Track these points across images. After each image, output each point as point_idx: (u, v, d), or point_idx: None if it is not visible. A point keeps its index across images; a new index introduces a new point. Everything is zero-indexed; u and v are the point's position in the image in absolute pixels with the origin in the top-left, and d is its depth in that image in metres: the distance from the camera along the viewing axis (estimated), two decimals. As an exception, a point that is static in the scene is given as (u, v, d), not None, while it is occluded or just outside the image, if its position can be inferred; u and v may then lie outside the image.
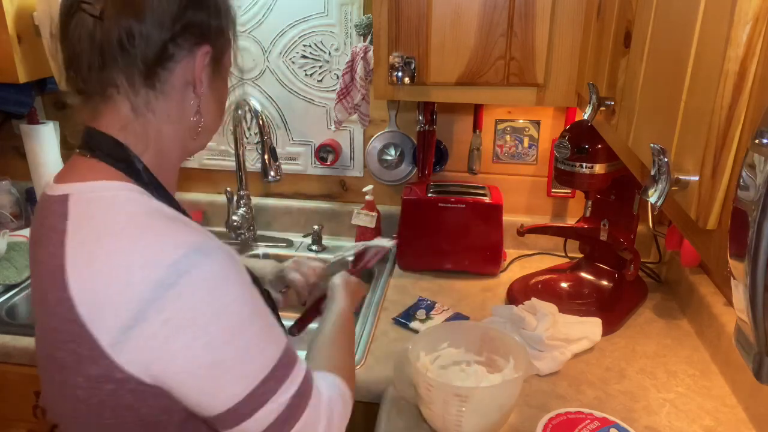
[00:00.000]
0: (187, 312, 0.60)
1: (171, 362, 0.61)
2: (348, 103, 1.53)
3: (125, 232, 0.62)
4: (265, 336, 0.66)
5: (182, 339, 0.60)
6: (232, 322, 0.62)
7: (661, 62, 0.65)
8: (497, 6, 1.18)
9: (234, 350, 0.63)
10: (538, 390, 1.10)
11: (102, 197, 0.66)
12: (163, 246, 0.61)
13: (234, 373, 0.63)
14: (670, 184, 0.54)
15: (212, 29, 0.73)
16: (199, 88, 0.73)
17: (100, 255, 0.62)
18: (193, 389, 0.63)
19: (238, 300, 0.64)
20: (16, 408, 1.33)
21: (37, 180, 1.71)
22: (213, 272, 0.62)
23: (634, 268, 1.31)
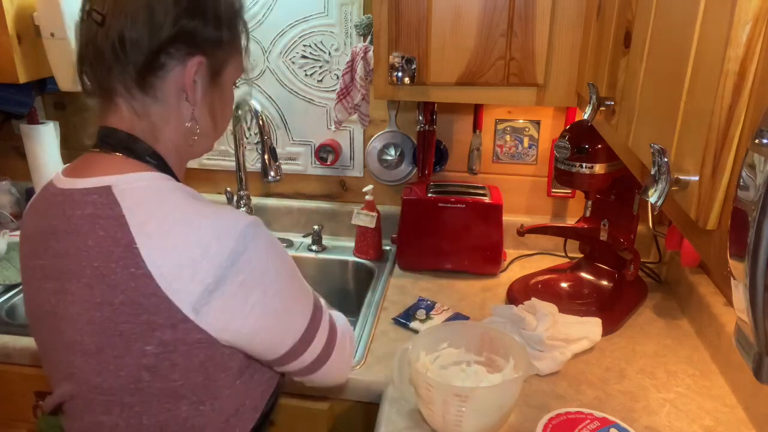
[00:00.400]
0: (257, 272, 0.72)
1: (248, 316, 0.71)
2: (348, 103, 1.53)
3: (189, 212, 0.71)
4: (303, 285, 0.81)
5: (256, 295, 0.72)
6: (288, 274, 0.77)
7: (661, 62, 0.65)
8: (497, 6, 1.18)
9: (293, 295, 0.78)
10: (538, 390, 1.10)
11: (146, 186, 0.73)
12: (228, 221, 0.71)
13: (296, 313, 0.78)
14: (670, 184, 0.54)
15: (207, 40, 0.76)
16: (192, 96, 0.77)
17: (172, 233, 0.69)
18: (265, 337, 0.75)
19: (286, 257, 0.78)
20: (16, 408, 1.33)
21: (37, 180, 1.71)
22: (268, 238, 0.75)
23: (634, 268, 1.31)
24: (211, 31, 0.76)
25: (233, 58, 0.81)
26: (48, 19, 1.50)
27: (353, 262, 1.64)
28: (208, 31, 0.75)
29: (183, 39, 0.74)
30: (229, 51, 0.80)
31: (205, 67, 0.77)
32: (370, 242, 1.62)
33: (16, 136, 1.75)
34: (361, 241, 1.63)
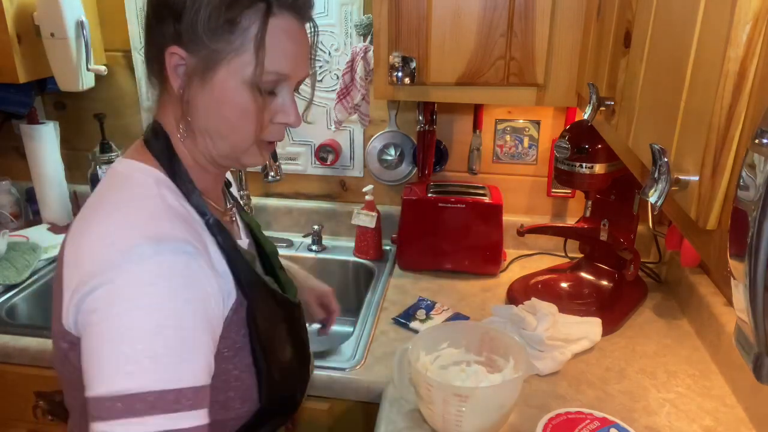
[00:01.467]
0: (110, 296, 0.63)
1: (85, 331, 0.64)
2: (348, 103, 1.53)
3: (111, 210, 0.69)
4: (153, 360, 0.62)
5: (97, 315, 0.63)
6: (129, 324, 0.62)
7: (661, 62, 0.65)
8: (497, 6, 1.18)
9: (111, 350, 0.62)
10: (538, 390, 1.10)
11: (124, 174, 0.74)
12: (127, 232, 0.66)
13: (101, 369, 0.62)
14: (670, 184, 0.53)
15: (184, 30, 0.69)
16: (176, 89, 0.72)
17: (89, 223, 0.69)
18: (83, 361, 0.64)
19: (152, 308, 0.63)
20: (16, 408, 1.33)
21: (37, 180, 1.71)
22: (150, 270, 0.64)
23: (634, 268, 1.31)
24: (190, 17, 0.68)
25: (227, 56, 0.70)
26: (48, 19, 1.50)
27: (353, 262, 1.64)
28: (187, 17, 0.68)
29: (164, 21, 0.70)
30: (211, 46, 0.69)
31: (189, 60, 0.70)
32: (370, 242, 1.62)
33: (16, 136, 1.75)
34: (361, 241, 1.63)
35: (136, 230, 0.66)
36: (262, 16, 0.69)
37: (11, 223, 1.77)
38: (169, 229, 0.67)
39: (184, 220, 0.70)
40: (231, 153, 0.76)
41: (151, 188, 0.72)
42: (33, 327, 1.33)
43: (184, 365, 0.64)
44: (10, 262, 1.50)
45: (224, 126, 0.73)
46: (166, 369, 0.62)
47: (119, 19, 1.66)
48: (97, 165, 1.68)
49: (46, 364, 1.26)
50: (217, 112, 0.72)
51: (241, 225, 0.91)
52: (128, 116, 1.77)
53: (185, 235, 0.68)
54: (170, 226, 0.68)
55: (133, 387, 0.61)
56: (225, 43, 0.69)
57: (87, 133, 1.79)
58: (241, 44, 0.69)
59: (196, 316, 0.66)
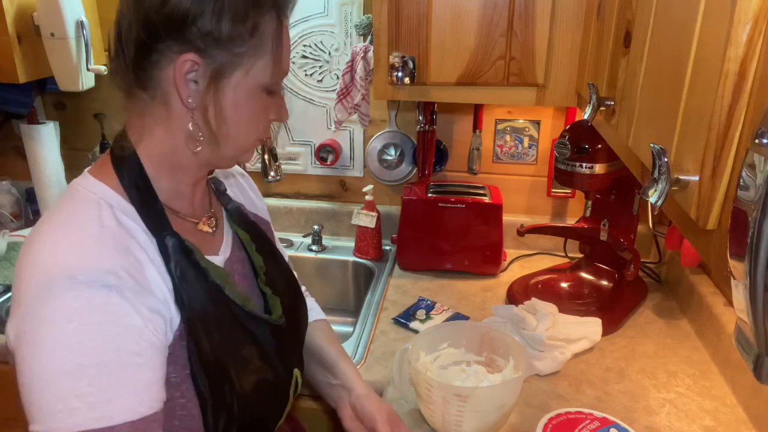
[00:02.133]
0: (31, 331, 0.63)
1: (16, 361, 0.65)
2: (348, 103, 1.53)
3: (48, 232, 0.68)
4: (82, 398, 0.62)
5: (23, 350, 0.64)
6: (50, 365, 0.62)
7: (661, 62, 0.65)
8: (497, 6, 1.18)
9: (40, 391, 0.63)
10: (538, 390, 1.10)
11: (73, 190, 0.73)
12: (52, 260, 0.65)
13: (36, 410, 0.64)
14: (670, 184, 0.54)
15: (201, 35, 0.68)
16: (184, 97, 0.70)
17: (31, 242, 0.68)
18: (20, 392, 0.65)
19: (70, 348, 0.62)
20: (16, 408, 1.32)
21: (37, 180, 1.71)
22: (69, 306, 0.62)
23: (634, 268, 1.31)
24: (208, 23, 0.67)
25: (246, 60, 0.70)
26: (48, 19, 1.50)
27: (353, 262, 1.64)
28: (204, 23, 0.67)
29: (173, 29, 0.68)
30: (233, 50, 0.69)
31: (203, 67, 0.69)
32: (370, 242, 1.62)
33: (16, 136, 1.75)
34: (361, 241, 1.63)
35: (58, 260, 0.65)
36: (276, 20, 0.72)
37: (11, 223, 1.77)
38: (89, 259, 0.65)
39: (116, 243, 0.68)
40: (235, 154, 0.77)
41: (89, 207, 0.70)
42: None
43: (113, 402, 0.63)
44: (10, 262, 1.50)
45: (236, 128, 0.74)
46: (94, 408, 0.62)
47: (119, 19, 1.66)
48: (97, 165, 1.68)
49: (46, 364, 1.26)
50: (235, 115, 0.73)
51: (227, 235, 0.87)
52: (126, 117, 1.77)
53: (109, 263, 0.66)
54: (92, 254, 0.66)
55: (66, 427, 0.62)
56: (246, 47, 0.70)
57: (87, 133, 1.79)
58: (259, 48, 0.71)
59: (120, 352, 0.64)
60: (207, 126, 0.72)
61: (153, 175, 0.75)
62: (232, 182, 0.98)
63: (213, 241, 0.84)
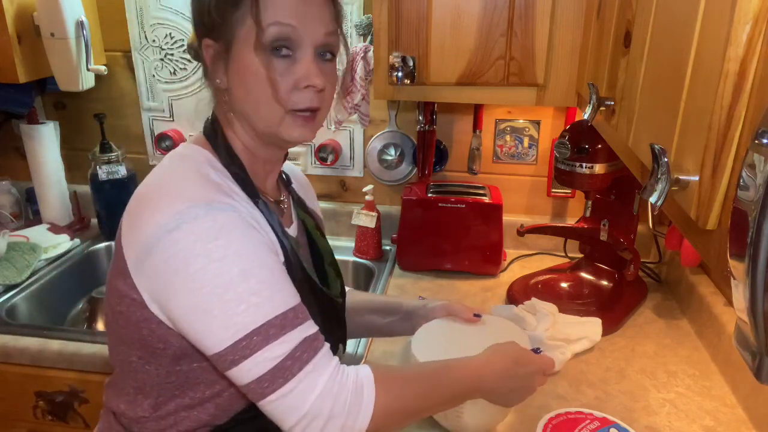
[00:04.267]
0: (182, 257, 0.68)
1: (169, 299, 0.70)
2: (348, 103, 1.53)
3: (162, 181, 0.75)
4: (258, 293, 0.69)
5: (177, 280, 0.68)
6: (220, 274, 0.68)
7: (661, 62, 0.65)
8: (497, 6, 1.18)
9: (220, 301, 0.68)
10: (539, 390, 1.10)
11: (179, 153, 0.80)
12: (177, 197, 0.70)
13: (219, 321, 0.68)
14: (670, 184, 0.54)
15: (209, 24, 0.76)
16: (214, 79, 0.78)
17: (144, 193, 0.75)
18: (186, 328, 0.70)
19: (231, 256, 0.68)
20: (16, 408, 1.33)
21: (37, 180, 1.71)
22: (210, 227, 0.68)
23: (634, 268, 1.31)
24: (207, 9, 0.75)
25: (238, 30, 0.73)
26: (48, 19, 1.50)
27: (353, 262, 1.64)
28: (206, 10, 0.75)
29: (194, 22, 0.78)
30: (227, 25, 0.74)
31: (216, 47, 0.76)
32: (370, 242, 1.62)
33: (16, 136, 1.75)
34: (361, 241, 1.63)
35: (184, 197, 0.70)
36: None
37: (11, 223, 1.77)
38: (217, 196, 0.72)
39: (228, 194, 0.75)
40: (267, 128, 0.77)
41: (199, 164, 0.77)
42: (33, 327, 1.33)
43: (282, 291, 0.72)
44: (10, 262, 1.50)
45: (250, 99, 0.76)
46: (272, 298, 0.70)
47: (119, 19, 1.66)
48: (97, 165, 1.68)
49: (46, 364, 1.26)
50: (241, 87, 0.76)
51: (294, 218, 0.94)
52: (128, 116, 1.77)
53: (230, 201, 0.73)
54: (217, 195, 0.72)
55: (257, 321, 0.68)
56: (232, 17, 0.74)
57: (87, 133, 1.79)
58: (243, 14, 0.73)
59: (269, 254, 0.73)
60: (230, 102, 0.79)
61: (235, 150, 0.82)
62: (297, 182, 1.04)
63: (285, 218, 0.90)
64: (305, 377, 0.70)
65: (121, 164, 1.69)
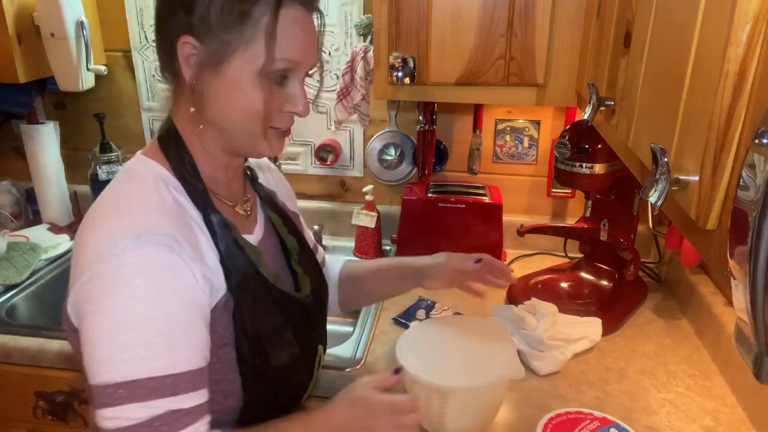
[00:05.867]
0: (102, 288, 0.67)
1: (81, 322, 0.68)
2: (348, 103, 1.53)
3: (107, 206, 0.73)
4: (149, 347, 0.66)
5: (88, 308, 0.68)
6: (124, 316, 0.66)
7: (661, 62, 0.65)
8: (497, 6, 1.18)
9: (111, 341, 0.66)
10: (538, 390, 1.10)
11: (129, 170, 0.78)
12: (116, 226, 0.69)
13: (102, 359, 0.66)
14: (670, 184, 0.54)
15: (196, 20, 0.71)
16: (187, 78, 0.74)
17: (91, 218, 0.73)
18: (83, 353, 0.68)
19: (142, 298, 0.66)
20: (16, 408, 1.33)
21: (37, 180, 1.71)
22: (134, 262, 0.66)
23: (634, 268, 1.31)
24: (201, 9, 0.70)
25: (239, 47, 0.72)
26: (48, 19, 1.50)
27: (353, 262, 1.64)
28: (199, 10, 0.70)
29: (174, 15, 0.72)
30: (223, 37, 0.71)
31: (201, 51, 0.72)
32: (370, 242, 1.62)
33: (16, 136, 1.75)
34: (361, 241, 1.63)
35: (122, 225, 0.69)
36: (273, 7, 0.71)
37: (11, 223, 1.77)
38: (153, 224, 0.70)
39: (175, 215, 0.73)
40: (244, 142, 0.78)
41: (147, 183, 0.75)
42: (33, 327, 1.33)
43: (177, 351, 0.68)
44: (10, 262, 1.50)
45: (235, 115, 0.75)
46: (161, 356, 0.66)
47: (119, 19, 1.66)
48: (97, 165, 1.68)
49: (46, 364, 1.26)
50: (228, 101, 0.74)
51: (260, 218, 0.92)
52: (128, 116, 1.77)
53: (170, 230, 0.70)
54: (154, 221, 0.70)
55: (132, 374, 0.65)
56: (237, 34, 0.71)
57: (87, 133, 1.79)
58: (252, 35, 0.71)
59: (183, 305, 0.69)
60: (206, 108, 0.76)
61: (195, 158, 0.80)
62: (265, 175, 1.02)
63: (247, 223, 0.88)
64: None
65: (121, 164, 1.69)
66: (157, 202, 0.73)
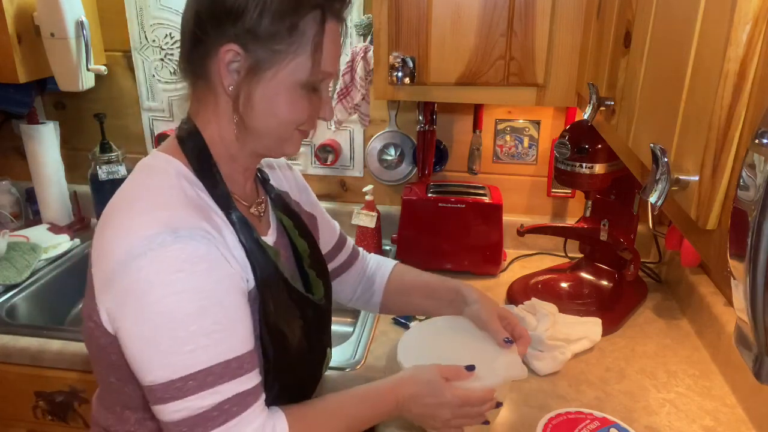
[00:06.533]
0: (142, 284, 0.66)
1: (122, 323, 0.68)
2: (348, 103, 1.53)
3: (132, 198, 0.73)
4: (209, 335, 0.67)
5: (133, 306, 0.67)
6: (176, 309, 0.66)
7: (661, 62, 0.65)
8: (497, 6, 1.18)
9: (170, 337, 0.66)
10: (538, 390, 1.10)
11: (148, 165, 0.78)
12: (147, 220, 0.68)
13: (163, 356, 0.67)
14: (670, 184, 0.54)
15: (242, 30, 0.72)
16: (226, 85, 0.75)
17: (112, 214, 0.72)
18: (128, 353, 0.69)
19: (190, 291, 0.67)
20: (16, 408, 1.33)
21: (37, 180, 1.71)
22: (175, 256, 0.66)
23: (634, 268, 1.31)
24: (249, 20, 0.72)
25: (284, 57, 0.74)
26: (48, 19, 1.50)
27: (353, 262, 1.64)
28: (246, 19, 0.72)
29: (219, 22, 0.73)
30: (271, 47, 0.73)
31: (243, 58, 0.73)
32: (370, 242, 1.62)
33: (16, 136, 1.75)
34: (361, 241, 1.63)
35: (154, 219, 0.68)
36: (320, 22, 0.75)
37: (11, 223, 1.77)
38: (184, 217, 0.70)
39: (201, 209, 0.73)
40: (273, 144, 0.81)
41: (170, 179, 0.75)
42: (33, 327, 1.33)
43: (235, 334, 0.70)
44: (10, 262, 1.50)
45: (273, 120, 0.78)
46: (222, 342, 0.68)
47: (119, 19, 1.66)
48: (97, 165, 1.68)
49: (46, 364, 1.26)
50: (268, 107, 0.77)
51: (272, 220, 0.92)
52: (128, 116, 1.77)
53: (200, 223, 0.71)
54: (185, 214, 0.70)
55: (199, 364, 0.67)
56: (285, 45, 0.74)
57: (87, 133, 1.79)
58: (298, 47, 0.74)
59: (230, 291, 0.71)
60: (238, 113, 0.77)
61: (216, 158, 0.80)
62: (278, 173, 1.03)
63: (261, 225, 0.89)
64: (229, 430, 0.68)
65: (121, 164, 1.69)
66: (181, 196, 0.73)
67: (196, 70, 0.78)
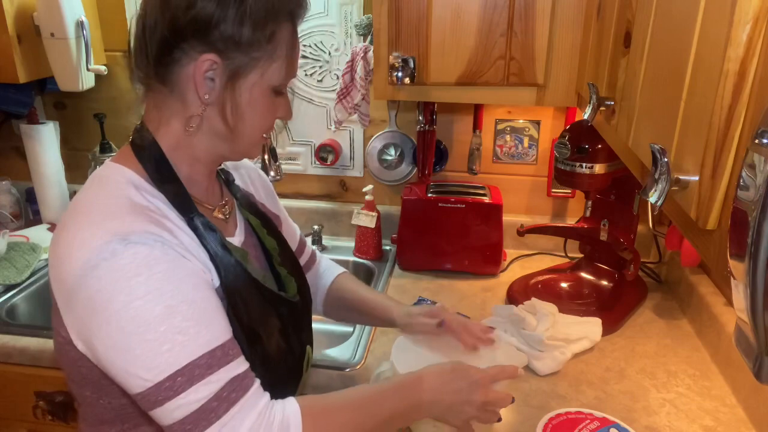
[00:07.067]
0: (104, 294, 0.65)
1: (92, 337, 0.67)
2: (348, 103, 1.53)
3: (80, 214, 0.71)
4: (184, 332, 0.66)
5: (99, 318, 0.66)
6: (142, 313, 0.65)
7: (661, 62, 0.65)
8: (497, 6, 1.18)
9: (142, 341, 0.65)
10: (538, 390, 1.10)
11: (99, 176, 0.76)
12: (95, 231, 0.67)
13: (141, 362, 0.65)
14: (670, 184, 0.54)
15: (223, 38, 0.72)
16: (201, 93, 0.74)
17: (64, 229, 0.71)
18: (108, 367, 0.67)
19: (153, 293, 0.66)
20: (16, 408, 1.33)
21: (37, 180, 1.71)
22: (129, 262, 0.65)
23: (634, 268, 1.31)
24: (229, 28, 0.72)
25: (262, 64, 0.75)
26: (48, 19, 1.50)
27: (353, 262, 1.64)
28: (226, 27, 0.72)
29: (196, 30, 0.72)
30: (251, 54, 0.74)
31: (222, 67, 0.73)
32: (370, 242, 1.62)
33: (16, 136, 1.75)
34: (361, 241, 1.63)
35: (102, 230, 0.67)
36: (291, 29, 0.78)
37: (11, 223, 1.77)
38: (132, 223, 0.69)
39: (150, 216, 0.71)
40: (243, 148, 0.82)
41: (118, 188, 0.73)
42: (33, 327, 1.33)
43: (212, 327, 0.69)
44: (10, 262, 1.50)
45: (246, 125, 0.78)
46: (199, 335, 0.67)
47: (119, 19, 1.66)
48: (97, 165, 1.68)
49: (46, 364, 1.26)
50: (253, 112, 0.78)
51: (240, 221, 0.91)
52: (128, 116, 1.77)
53: (149, 227, 0.69)
54: (132, 220, 0.69)
55: (182, 359, 0.66)
56: (262, 51, 0.75)
57: (87, 133, 1.79)
58: (273, 52, 0.76)
59: (198, 287, 0.70)
60: (224, 121, 0.77)
61: (173, 164, 0.79)
62: (242, 173, 1.02)
63: (227, 227, 0.88)
64: (230, 420, 0.67)
65: (121, 164, 1.69)
66: (127, 203, 0.71)
67: (162, 76, 0.76)
